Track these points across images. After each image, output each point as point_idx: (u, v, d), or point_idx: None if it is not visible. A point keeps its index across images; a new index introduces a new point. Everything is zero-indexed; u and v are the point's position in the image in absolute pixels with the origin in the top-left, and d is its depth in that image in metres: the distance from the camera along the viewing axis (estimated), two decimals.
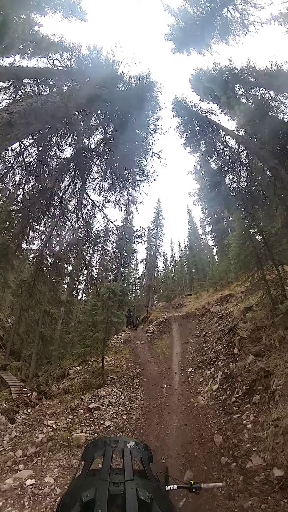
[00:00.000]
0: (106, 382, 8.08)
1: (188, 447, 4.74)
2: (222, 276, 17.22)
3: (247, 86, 7.43)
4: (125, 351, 11.94)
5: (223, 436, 4.70)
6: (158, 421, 5.92)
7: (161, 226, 27.14)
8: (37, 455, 4.66)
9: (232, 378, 6.41)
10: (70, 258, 8.63)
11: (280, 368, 5.15)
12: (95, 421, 5.69)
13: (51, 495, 3.59)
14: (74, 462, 4.30)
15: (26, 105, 4.58)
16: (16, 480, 3.85)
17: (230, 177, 7.51)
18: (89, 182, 7.24)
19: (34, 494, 3.58)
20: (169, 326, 15.24)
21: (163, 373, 9.57)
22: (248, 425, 4.50)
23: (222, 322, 11.19)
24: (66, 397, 7.20)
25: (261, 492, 3.32)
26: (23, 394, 8.51)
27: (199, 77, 8.88)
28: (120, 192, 7.58)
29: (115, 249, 11.86)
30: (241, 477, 3.67)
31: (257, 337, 6.97)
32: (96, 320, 9.99)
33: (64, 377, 10.07)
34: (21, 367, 13.69)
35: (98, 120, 7.31)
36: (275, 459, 3.54)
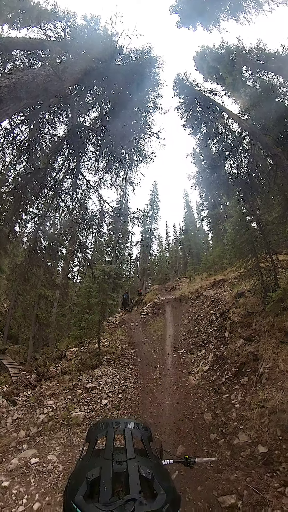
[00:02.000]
0: (102, 363, 8.40)
1: (180, 424, 5.10)
2: (216, 261, 17.47)
3: (255, 68, 6.97)
4: (119, 332, 12.29)
5: (212, 414, 5.05)
6: (152, 399, 6.28)
7: (156, 209, 26.77)
8: (39, 434, 4.93)
9: (222, 360, 6.76)
10: (65, 240, 8.47)
11: (269, 352, 5.44)
12: (92, 400, 5.99)
13: (54, 471, 3.85)
14: (74, 440, 4.59)
15: (16, 78, 4.18)
16: (21, 459, 4.10)
17: (230, 162, 7.29)
18: (84, 161, 6.91)
19: (38, 472, 3.83)
20: (162, 309, 15.63)
21: (156, 353, 9.98)
22: (236, 405, 4.83)
23: (214, 306, 11.55)
24: (64, 378, 7.49)
25: (246, 467, 3.65)
26: (22, 377, 8.79)
27: (204, 55, 8.28)
28: (117, 172, 7.29)
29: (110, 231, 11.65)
30: (228, 453, 4.00)
31: (248, 322, 7.27)
32: (91, 303, 10.12)
33: (61, 358, 10.39)
34: (19, 351, 14.02)
35: (94, 97, 6.81)
36: (260, 437, 3.85)
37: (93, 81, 6.65)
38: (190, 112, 9.11)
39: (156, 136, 6.42)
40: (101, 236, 9.65)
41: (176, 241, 35.66)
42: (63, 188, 7.06)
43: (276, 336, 5.83)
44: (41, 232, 7.37)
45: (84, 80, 6.33)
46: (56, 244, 8.00)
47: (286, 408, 3.86)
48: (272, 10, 7.22)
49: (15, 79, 4.17)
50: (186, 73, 9.38)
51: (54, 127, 6.20)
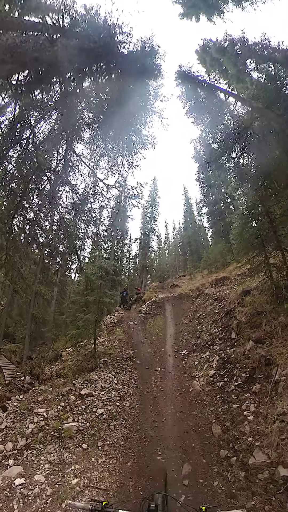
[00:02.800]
0: (99, 365, 7.85)
1: (185, 437, 4.57)
2: (217, 258, 16.96)
3: (260, 60, 6.45)
4: (118, 331, 11.76)
5: (221, 426, 4.52)
6: (153, 407, 5.74)
7: (156, 205, 26.19)
8: (27, 448, 4.38)
9: (230, 364, 6.22)
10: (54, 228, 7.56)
11: (284, 357, 4.89)
12: (87, 408, 5.43)
13: (41, 496, 3.31)
14: (66, 456, 4.03)
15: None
16: (4, 479, 3.56)
17: (238, 147, 6.71)
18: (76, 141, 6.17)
19: (23, 496, 3.28)
20: (162, 307, 15.11)
21: (156, 355, 9.45)
22: (249, 417, 4.29)
23: (217, 305, 11.02)
24: (58, 382, 6.94)
25: (265, 492, 3.11)
26: (16, 379, 8.26)
27: (207, 48, 7.78)
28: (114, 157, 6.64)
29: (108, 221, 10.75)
30: (242, 473, 3.47)
31: (257, 322, 6.72)
32: (88, 300, 9.56)
33: (57, 359, 9.87)
34: (15, 350, 13.52)
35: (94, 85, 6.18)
36: (281, 456, 3.31)
37: (90, 61, 6.03)
38: (193, 101, 8.57)
39: (159, 116, 5.81)
40: (95, 224, 8.71)
41: (175, 238, 35.11)
42: (46, 164, 6.24)
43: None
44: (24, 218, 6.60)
45: (80, 57, 5.70)
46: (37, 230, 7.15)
47: None
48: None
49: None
50: (188, 63, 8.90)
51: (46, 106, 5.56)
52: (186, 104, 8.76)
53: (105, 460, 4.05)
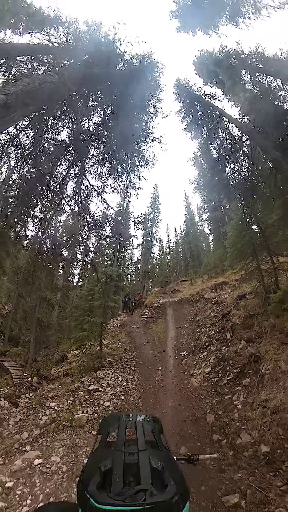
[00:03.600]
0: (104, 365, 8.42)
1: (183, 426, 5.12)
2: (217, 263, 17.50)
3: (254, 72, 7.09)
4: (121, 335, 12.30)
5: (215, 415, 5.08)
6: (154, 401, 6.30)
7: (157, 212, 26.91)
8: (42, 436, 4.95)
9: (224, 362, 6.78)
10: (68, 244, 8.56)
11: (270, 353, 5.47)
12: (95, 402, 6.01)
13: (58, 472, 3.87)
14: (78, 441, 4.60)
15: (22, 85, 4.32)
16: (24, 460, 4.12)
17: (231, 166, 7.40)
18: (87, 166, 7.04)
19: (42, 473, 3.85)
20: (164, 311, 15.63)
21: (158, 356, 9.98)
22: (238, 406, 4.85)
23: (215, 308, 11.56)
24: (66, 380, 7.51)
25: (249, 466, 3.67)
26: (24, 379, 8.81)
27: (204, 59, 8.42)
28: (119, 177, 7.42)
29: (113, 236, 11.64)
30: (231, 452, 4.03)
31: (249, 324, 7.30)
32: (92, 305, 10.17)
33: (62, 361, 10.41)
34: (20, 353, 14.03)
35: (96, 101, 6.96)
36: (263, 436, 3.88)
37: (95, 87, 6.81)
38: (191, 117, 9.28)
39: (158, 141, 6.54)
40: (105, 240, 9.72)
41: (177, 244, 35.75)
42: (68, 193, 7.18)
43: (277, 337, 5.87)
44: (45, 236, 7.48)
45: (87, 86, 6.49)
46: (60, 248, 8.09)
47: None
48: (270, 14, 7.37)
49: (22, 86, 4.31)
50: (186, 77, 9.58)
51: (58, 132, 6.34)
52: (184, 120, 9.51)
53: None
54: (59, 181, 6.74)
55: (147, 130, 7.39)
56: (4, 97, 3.94)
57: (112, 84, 6.79)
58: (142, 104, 7.36)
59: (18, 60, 5.73)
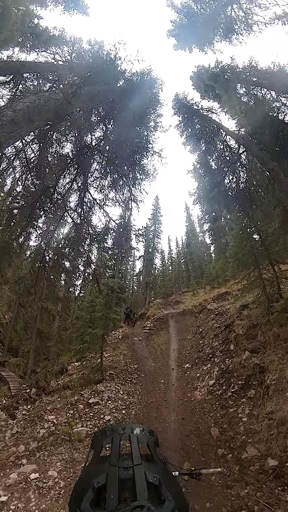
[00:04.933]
0: (105, 378, 8.22)
1: (186, 440, 4.92)
2: (219, 274, 17.44)
3: (249, 85, 7.43)
4: (123, 347, 12.09)
5: (219, 429, 4.88)
6: (157, 415, 6.09)
7: (159, 223, 27.22)
8: (39, 449, 4.77)
9: (228, 374, 6.60)
10: (70, 255, 8.67)
11: (275, 364, 5.34)
12: (95, 415, 5.82)
13: (55, 488, 3.71)
14: (76, 456, 4.42)
15: (29, 102, 4.57)
16: (20, 474, 3.96)
17: (229, 177, 7.59)
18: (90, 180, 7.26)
19: (38, 488, 3.69)
20: (166, 323, 15.40)
21: (160, 368, 9.75)
22: (244, 418, 4.68)
23: (218, 319, 11.40)
24: (65, 393, 7.32)
25: (256, 481, 3.49)
26: (22, 390, 8.60)
27: (201, 75, 8.85)
28: (121, 190, 7.62)
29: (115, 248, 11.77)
30: (237, 467, 3.84)
31: (253, 334, 7.17)
32: (94, 317, 10.10)
33: (62, 373, 10.18)
34: (19, 364, 13.78)
35: (98, 117, 7.29)
36: (270, 449, 3.72)
37: (98, 103, 7.16)
38: (189, 130, 9.64)
39: (158, 155, 6.77)
40: (106, 252, 9.84)
41: (178, 255, 35.79)
42: (71, 205, 7.35)
43: (281, 346, 5.75)
44: (48, 247, 7.59)
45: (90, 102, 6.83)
46: (62, 259, 8.18)
47: None
48: (261, 30, 7.84)
49: (29, 103, 4.56)
50: (184, 92, 10.08)
51: (61, 146, 6.59)
52: (183, 134, 9.87)
53: None
54: (62, 194, 6.93)
55: (147, 144, 7.68)
56: (12, 113, 4.16)
57: (114, 100, 7.14)
58: (142, 119, 7.70)
59: (25, 77, 6.10)
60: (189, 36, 9.28)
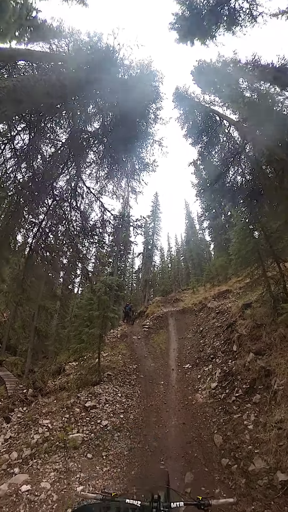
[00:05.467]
0: (103, 379, 7.95)
1: (188, 448, 4.64)
2: (219, 271, 17.18)
3: (252, 79, 7.11)
4: (121, 346, 11.83)
5: (223, 436, 4.61)
6: (156, 419, 5.82)
7: (158, 220, 26.87)
8: (32, 457, 4.50)
9: (231, 376, 6.32)
10: (66, 251, 8.32)
11: (282, 367, 5.05)
12: (91, 420, 5.54)
13: (47, 501, 3.43)
14: (71, 465, 4.15)
15: (16, 81, 4.21)
16: (11, 486, 3.69)
17: (233, 170, 7.24)
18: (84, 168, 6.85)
19: (30, 501, 3.42)
20: (165, 321, 15.16)
21: (160, 369, 9.49)
22: (249, 426, 4.40)
23: (219, 318, 11.13)
24: (62, 395, 7.04)
25: (264, 497, 3.22)
26: (18, 391, 8.34)
27: (202, 69, 8.53)
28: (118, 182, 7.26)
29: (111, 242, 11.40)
30: (243, 480, 3.57)
31: (257, 334, 6.88)
32: (92, 315, 9.78)
33: (60, 372, 9.92)
34: (17, 363, 13.53)
35: (96, 108, 6.92)
36: (279, 462, 3.44)
37: (95, 92, 6.78)
38: (191, 123, 9.27)
39: (159, 144, 6.41)
40: (103, 247, 9.48)
41: (178, 252, 35.48)
42: (63, 196, 6.96)
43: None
44: (41, 242, 7.23)
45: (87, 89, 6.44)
46: (56, 255, 7.83)
47: None
48: (266, 22, 7.45)
49: (16, 81, 4.19)
50: (185, 85, 9.68)
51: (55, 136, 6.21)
52: (184, 126, 9.50)
53: (109, 469, 4.16)
54: (51, 183, 6.51)
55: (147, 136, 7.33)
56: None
57: (112, 91, 6.78)
58: (142, 111, 7.36)
59: (19, 65, 5.71)
60: (191, 29, 8.87)
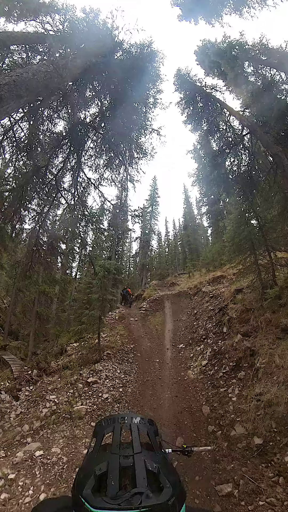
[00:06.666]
0: (103, 358, 8.55)
1: (179, 417, 5.27)
2: (215, 257, 17.53)
3: (257, 64, 6.88)
4: (119, 327, 12.43)
5: (210, 407, 5.22)
6: (152, 393, 6.45)
7: (156, 205, 26.67)
8: (42, 428, 5.08)
9: (220, 355, 6.92)
10: (66, 237, 8.52)
11: (265, 348, 5.58)
12: (94, 394, 6.14)
13: (58, 463, 4.00)
14: (77, 433, 4.74)
15: (16, 76, 4.16)
16: (26, 452, 4.24)
17: (231, 159, 7.30)
18: (84, 159, 6.90)
19: (43, 464, 3.97)
20: (162, 304, 15.74)
21: (155, 348, 10.14)
22: (233, 398, 4.99)
23: (213, 302, 11.67)
24: (65, 373, 7.63)
25: (242, 457, 3.81)
26: (24, 372, 8.94)
27: (206, 50, 8.15)
28: (117, 169, 7.30)
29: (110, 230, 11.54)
30: (225, 444, 4.17)
31: (246, 318, 7.40)
32: (91, 298, 10.21)
33: (62, 354, 10.54)
34: (20, 347, 14.18)
35: (93, 92, 6.75)
36: (256, 429, 4.01)
37: (92, 76, 6.58)
38: (191, 108, 9.06)
39: (157, 133, 6.40)
40: (102, 233, 9.69)
41: (175, 237, 35.67)
42: (64, 186, 7.05)
43: (273, 332, 5.97)
44: (42, 229, 7.40)
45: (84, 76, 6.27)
46: (57, 241, 8.04)
47: (281, 402, 4.01)
48: (276, 5, 7.09)
49: (15, 76, 4.15)
50: (187, 67, 9.27)
51: (54, 124, 6.17)
52: (185, 111, 9.29)
53: None
54: (55, 174, 6.61)
55: (145, 121, 7.22)
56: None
57: (110, 74, 6.56)
58: (141, 95, 7.16)
59: (12, 49, 5.49)
60: (195, 6, 8.34)
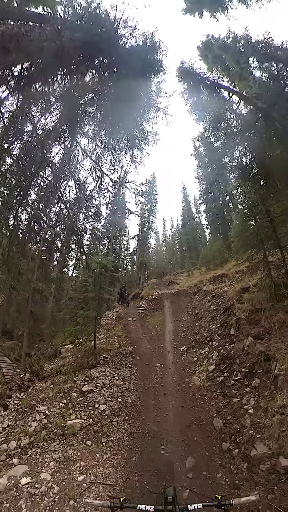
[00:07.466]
0: (99, 362, 7.91)
1: (187, 431, 4.67)
2: (215, 255, 17.06)
3: (263, 58, 6.44)
4: (117, 328, 11.81)
5: (223, 420, 4.63)
6: (154, 403, 5.84)
7: (154, 202, 26.17)
8: (31, 446, 4.42)
9: (229, 360, 6.34)
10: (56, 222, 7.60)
11: (282, 352, 5.02)
12: (89, 405, 5.49)
13: (48, 494, 3.36)
14: (70, 454, 4.10)
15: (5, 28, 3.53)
16: (10, 479, 3.59)
17: (239, 149, 6.75)
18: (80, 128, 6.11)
19: (31, 495, 3.33)
20: (161, 303, 15.18)
21: (156, 351, 9.55)
22: (250, 410, 4.41)
23: (215, 301, 11.13)
24: (58, 379, 6.97)
25: (267, 482, 3.23)
26: (16, 376, 8.26)
27: (209, 44, 7.71)
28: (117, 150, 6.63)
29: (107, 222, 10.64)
30: (245, 465, 3.59)
31: (256, 319, 6.84)
32: (87, 297, 9.55)
33: (56, 356, 9.88)
34: (14, 347, 13.48)
35: (95, 70, 6.11)
36: (282, 447, 3.44)
37: (94, 58, 5.95)
38: (195, 99, 8.56)
39: (163, 112, 5.80)
40: (99, 220, 8.62)
41: (173, 235, 35.18)
42: (53, 160, 6.19)
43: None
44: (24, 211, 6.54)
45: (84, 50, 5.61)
46: (40, 225, 7.10)
47: None
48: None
49: (4, 28, 3.51)
50: (190, 60, 8.82)
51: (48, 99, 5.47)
52: (188, 101, 8.74)
53: (110, 456, 4.13)
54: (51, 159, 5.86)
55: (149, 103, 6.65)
56: None
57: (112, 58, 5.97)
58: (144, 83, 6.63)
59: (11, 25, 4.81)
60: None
